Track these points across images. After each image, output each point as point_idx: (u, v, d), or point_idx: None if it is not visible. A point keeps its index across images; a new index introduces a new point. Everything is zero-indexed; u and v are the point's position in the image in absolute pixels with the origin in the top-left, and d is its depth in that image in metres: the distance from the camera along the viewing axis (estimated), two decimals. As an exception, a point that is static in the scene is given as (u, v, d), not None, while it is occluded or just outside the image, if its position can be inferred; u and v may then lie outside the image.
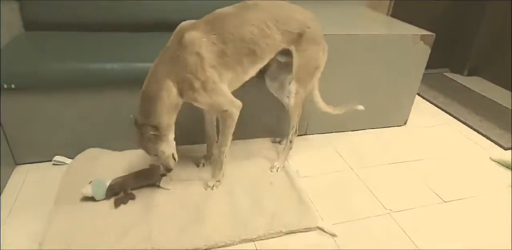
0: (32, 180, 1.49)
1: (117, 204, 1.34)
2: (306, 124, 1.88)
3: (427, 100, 2.49)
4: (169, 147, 1.30)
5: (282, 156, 1.65)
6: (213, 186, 1.47)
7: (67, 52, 1.54)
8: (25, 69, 1.40)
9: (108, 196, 1.36)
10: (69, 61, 1.46)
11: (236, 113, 1.33)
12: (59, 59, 1.47)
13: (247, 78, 1.38)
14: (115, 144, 1.64)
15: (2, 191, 1.41)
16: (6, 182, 1.46)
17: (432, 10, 2.72)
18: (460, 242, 1.31)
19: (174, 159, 1.33)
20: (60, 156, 1.58)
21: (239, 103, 1.33)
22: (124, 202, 1.36)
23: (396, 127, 2.10)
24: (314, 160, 1.74)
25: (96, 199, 1.35)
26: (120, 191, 1.38)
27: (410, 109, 2.09)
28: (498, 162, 1.80)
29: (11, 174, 1.51)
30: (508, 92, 2.69)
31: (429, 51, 1.86)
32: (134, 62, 1.48)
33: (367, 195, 1.53)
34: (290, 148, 1.64)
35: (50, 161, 1.57)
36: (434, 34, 1.83)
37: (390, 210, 1.45)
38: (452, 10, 2.76)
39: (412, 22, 1.99)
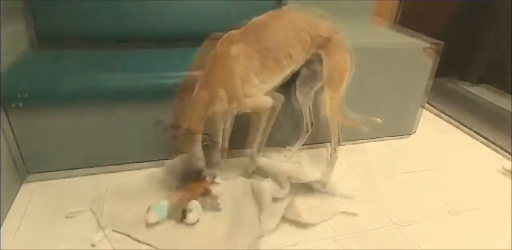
0: (42, 191, 1.51)
1: (216, 209, 1.40)
2: (315, 135, 1.88)
3: (437, 108, 2.47)
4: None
5: (330, 167, 1.65)
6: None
7: (75, 68, 1.54)
8: (33, 87, 1.40)
9: (181, 217, 1.34)
10: (79, 76, 1.47)
11: (278, 106, 1.45)
12: (68, 75, 1.47)
13: (287, 76, 1.47)
14: (125, 157, 1.65)
15: (14, 202, 1.44)
16: (18, 191, 1.49)
17: (440, 18, 2.71)
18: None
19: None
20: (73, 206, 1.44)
21: (282, 97, 1.45)
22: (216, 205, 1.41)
23: (405, 137, 2.09)
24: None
25: (160, 222, 1.34)
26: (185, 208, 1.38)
27: (419, 119, 2.07)
28: (509, 173, 1.77)
29: (22, 183, 1.54)
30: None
31: (437, 60, 1.85)
32: (143, 77, 1.50)
33: (375, 206, 1.52)
34: (336, 157, 1.64)
35: (60, 170, 1.58)
36: (442, 42, 1.82)
37: (399, 224, 1.43)
38: (460, 18, 2.75)
39: (419, 31, 1.98)
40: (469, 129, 2.20)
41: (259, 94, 1.38)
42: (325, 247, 1.30)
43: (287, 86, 1.61)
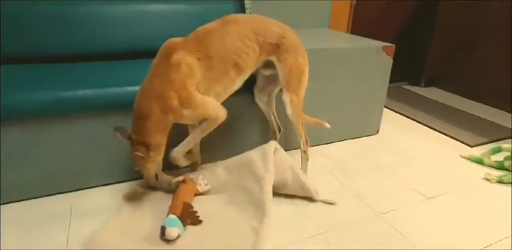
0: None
1: (197, 222, 1.33)
2: (285, 140, 1.92)
3: (393, 110, 2.63)
4: (154, 166, 1.34)
5: (303, 169, 1.65)
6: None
7: (36, 82, 1.47)
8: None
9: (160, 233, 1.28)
10: (39, 90, 1.39)
11: (221, 118, 1.37)
12: (29, 89, 1.40)
13: (233, 89, 1.43)
14: (93, 174, 1.57)
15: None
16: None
17: (387, 29, 2.96)
18: (450, 232, 1.35)
19: (156, 179, 1.38)
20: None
21: (224, 111, 1.37)
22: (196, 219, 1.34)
23: (370, 136, 2.19)
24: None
25: (181, 233, 1.27)
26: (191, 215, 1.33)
27: (381, 118, 2.19)
28: (469, 159, 1.91)
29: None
30: (463, 99, 2.91)
31: (391, 61, 2.00)
32: (106, 88, 1.45)
33: (356, 201, 1.55)
34: (307, 159, 1.65)
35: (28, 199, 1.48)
36: (394, 45, 1.98)
37: (380, 212, 1.48)
38: (405, 29, 3.02)
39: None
40: (425, 125, 2.37)
41: (204, 103, 1.31)
42: (315, 243, 1.29)
43: (250, 93, 1.65)
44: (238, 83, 1.42)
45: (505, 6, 2.55)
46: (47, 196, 1.52)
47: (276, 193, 1.50)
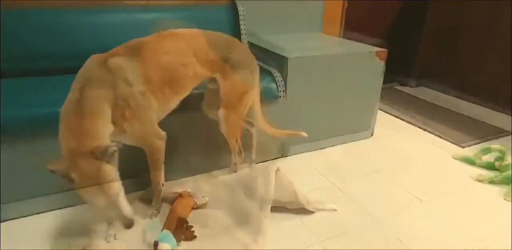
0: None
1: (191, 238, 1.32)
2: (283, 146, 1.95)
3: (386, 112, 2.67)
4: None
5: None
6: (152, 215, 1.43)
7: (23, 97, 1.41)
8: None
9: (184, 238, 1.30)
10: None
11: (162, 145, 1.30)
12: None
13: (170, 108, 1.34)
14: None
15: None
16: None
17: (377, 30, 3.00)
18: (445, 235, 1.39)
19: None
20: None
21: (163, 133, 1.30)
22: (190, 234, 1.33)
23: (365, 139, 2.23)
24: (297, 179, 1.71)
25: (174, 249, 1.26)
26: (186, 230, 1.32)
27: (375, 121, 2.23)
28: (461, 160, 1.96)
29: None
30: (452, 98, 2.98)
31: (384, 66, 2.04)
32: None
33: (352, 206, 1.58)
34: (235, 171, 1.67)
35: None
36: (386, 50, 2.01)
37: (376, 216, 1.51)
38: (394, 29, 3.06)
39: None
40: (417, 126, 2.41)
41: (149, 119, 1.23)
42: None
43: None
44: (175, 102, 1.33)
45: (492, 6, 2.60)
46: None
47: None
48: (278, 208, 1.51)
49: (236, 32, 2.02)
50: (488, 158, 1.92)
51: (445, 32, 2.96)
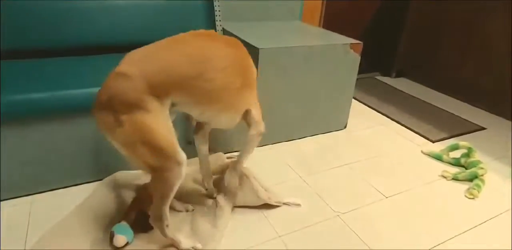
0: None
1: (149, 229, 1.30)
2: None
3: (363, 103, 2.67)
4: None
5: None
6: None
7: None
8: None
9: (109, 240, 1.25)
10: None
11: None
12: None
13: None
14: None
15: None
16: None
17: (359, 22, 2.95)
18: (403, 232, 1.42)
19: None
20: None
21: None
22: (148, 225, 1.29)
23: (337, 131, 2.23)
24: (265, 171, 1.77)
25: (130, 241, 1.26)
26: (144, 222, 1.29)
27: (349, 114, 2.23)
28: (429, 155, 1.98)
29: None
30: (431, 90, 2.99)
31: (359, 58, 2.01)
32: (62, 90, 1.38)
33: (316, 200, 1.60)
34: None
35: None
36: (361, 42, 1.98)
37: (339, 212, 1.53)
38: (377, 22, 3.02)
39: (342, 34, 2.13)
40: (392, 119, 2.42)
41: None
42: (272, 247, 1.32)
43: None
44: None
45: (469, 5, 2.58)
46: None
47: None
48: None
49: (209, 17, 1.95)
50: (455, 154, 1.94)
51: (426, 26, 2.93)
